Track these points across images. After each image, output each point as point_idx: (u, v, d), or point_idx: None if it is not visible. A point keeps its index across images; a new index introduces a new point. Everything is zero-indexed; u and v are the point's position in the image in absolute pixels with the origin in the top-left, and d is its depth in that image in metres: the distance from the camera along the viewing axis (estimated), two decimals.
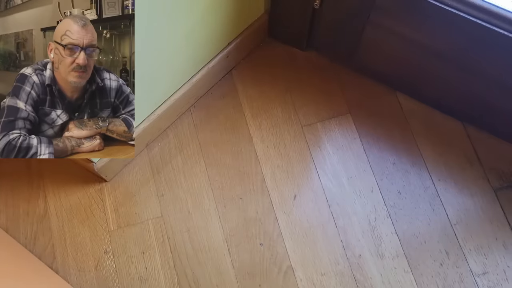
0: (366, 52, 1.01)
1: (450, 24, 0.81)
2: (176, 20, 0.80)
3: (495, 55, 0.82)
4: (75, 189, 0.99)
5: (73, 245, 0.94)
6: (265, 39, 1.13)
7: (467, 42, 0.82)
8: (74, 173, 0.99)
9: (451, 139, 1.01)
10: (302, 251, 0.93)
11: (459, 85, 0.93)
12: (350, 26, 0.97)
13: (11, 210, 0.97)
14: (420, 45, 0.89)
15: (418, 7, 0.82)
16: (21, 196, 0.99)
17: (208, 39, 0.93)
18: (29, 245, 0.94)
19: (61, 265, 0.93)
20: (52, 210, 0.98)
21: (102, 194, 0.98)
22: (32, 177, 1.00)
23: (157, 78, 0.86)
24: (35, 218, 0.97)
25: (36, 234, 0.95)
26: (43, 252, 0.93)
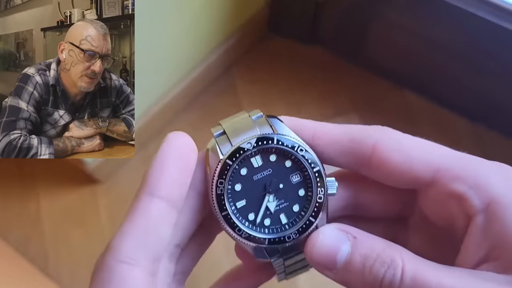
0: (373, 47, 1.03)
1: (459, 19, 0.83)
2: (175, 15, 0.83)
3: (505, 51, 0.84)
4: (68, 191, 1.00)
5: (67, 248, 0.96)
6: (266, 34, 1.13)
7: (477, 38, 0.85)
8: (67, 174, 1.01)
9: (461, 138, 1.03)
10: None
11: (468, 82, 0.96)
12: (356, 19, 0.99)
13: (2, 212, 0.99)
14: (429, 41, 0.92)
15: (427, 1, 0.84)
16: (12, 198, 1.00)
17: (206, 35, 0.96)
18: (21, 248, 0.96)
19: (54, 269, 0.94)
20: (45, 212, 0.99)
21: (96, 196, 1.00)
22: (24, 178, 1.02)
23: (154, 76, 0.88)
24: (27, 220, 0.99)
25: (28, 237, 0.97)
26: (36, 256, 0.95)
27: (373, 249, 0.26)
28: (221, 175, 0.28)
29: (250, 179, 0.29)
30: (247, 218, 0.29)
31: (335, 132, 0.29)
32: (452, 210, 0.27)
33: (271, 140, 0.28)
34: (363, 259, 0.26)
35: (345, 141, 0.29)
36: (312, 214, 0.28)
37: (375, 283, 0.25)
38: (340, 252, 0.26)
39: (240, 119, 0.29)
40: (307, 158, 0.29)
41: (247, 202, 0.29)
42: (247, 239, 0.28)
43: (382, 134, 0.29)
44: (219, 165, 0.28)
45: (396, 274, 0.25)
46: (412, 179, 0.28)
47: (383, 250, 0.26)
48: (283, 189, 0.29)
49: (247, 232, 0.28)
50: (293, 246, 0.29)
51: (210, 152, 0.29)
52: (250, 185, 0.29)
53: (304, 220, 0.28)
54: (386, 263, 0.25)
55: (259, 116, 0.29)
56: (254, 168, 0.29)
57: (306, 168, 0.29)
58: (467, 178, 0.27)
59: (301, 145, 0.29)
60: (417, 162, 0.28)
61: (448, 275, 0.24)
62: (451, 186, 0.27)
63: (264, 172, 0.29)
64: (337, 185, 0.29)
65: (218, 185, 0.28)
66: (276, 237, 0.28)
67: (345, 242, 0.26)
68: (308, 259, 0.28)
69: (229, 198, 0.28)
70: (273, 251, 0.29)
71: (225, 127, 0.29)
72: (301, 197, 0.29)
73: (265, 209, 0.29)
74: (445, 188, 0.27)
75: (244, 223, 0.28)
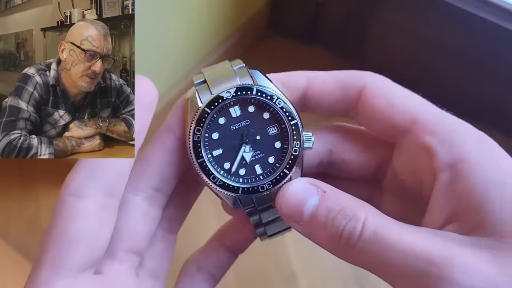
0: (373, 47, 1.03)
1: (459, 19, 0.83)
2: (175, 15, 0.83)
3: (505, 51, 0.84)
4: None
5: None
6: (266, 33, 1.14)
7: (477, 38, 0.85)
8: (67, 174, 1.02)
9: None
10: (305, 256, 0.96)
11: (468, 82, 0.96)
12: (355, 20, 0.99)
13: (2, 212, 1.00)
14: (428, 41, 0.92)
15: (427, 1, 0.85)
16: (12, 198, 1.01)
17: (206, 35, 0.96)
18: (20, 248, 0.97)
19: None
20: (45, 212, 1.00)
21: None
22: (24, 178, 1.03)
23: (154, 76, 0.89)
24: (27, 220, 0.99)
25: (28, 237, 0.98)
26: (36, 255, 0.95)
27: (339, 203, 0.26)
28: (199, 122, 0.28)
29: (227, 129, 0.29)
30: (223, 167, 0.29)
31: (328, 80, 0.30)
32: (421, 165, 0.28)
33: (250, 90, 0.29)
34: (327, 212, 0.26)
35: (335, 87, 0.30)
36: (286, 167, 0.29)
37: (335, 236, 0.25)
38: (307, 204, 0.27)
39: (221, 69, 0.30)
40: (285, 110, 0.29)
41: (224, 151, 0.29)
42: (222, 187, 0.29)
43: (370, 80, 0.30)
44: (197, 113, 0.28)
45: (356, 227, 0.25)
46: (391, 126, 0.28)
47: (348, 204, 0.26)
48: (260, 140, 0.29)
49: (222, 180, 0.29)
50: (266, 197, 0.29)
51: (190, 100, 0.29)
52: (227, 134, 0.29)
53: (278, 172, 0.29)
54: (348, 216, 0.25)
55: (241, 66, 0.30)
56: (232, 118, 0.29)
57: (284, 120, 0.29)
58: (440, 133, 0.27)
59: (279, 97, 0.29)
60: (398, 110, 0.28)
61: (410, 233, 0.24)
62: (423, 138, 0.27)
63: (242, 122, 0.29)
64: (313, 140, 0.29)
65: (195, 132, 0.28)
66: (250, 186, 0.29)
67: (314, 195, 0.27)
68: (278, 209, 0.28)
69: (205, 146, 0.29)
70: (247, 200, 0.29)
71: (206, 76, 0.29)
72: (277, 149, 0.29)
73: (240, 158, 0.29)
74: (417, 140, 0.28)
75: (219, 172, 0.29)
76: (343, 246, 0.25)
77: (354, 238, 0.25)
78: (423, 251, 0.23)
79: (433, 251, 0.23)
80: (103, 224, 0.26)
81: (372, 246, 0.24)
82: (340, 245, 0.25)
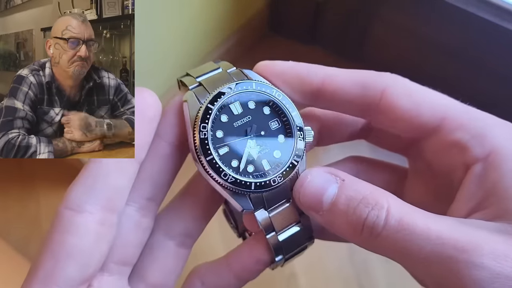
0: (373, 47, 1.03)
1: (459, 19, 0.83)
2: (175, 15, 0.83)
3: (505, 51, 0.84)
4: None
5: None
6: (266, 34, 1.14)
7: (477, 38, 0.85)
8: (67, 174, 1.02)
9: None
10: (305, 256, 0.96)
11: (468, 82, 0.96)
12: (356, 20, 0.99)
13: (2, 212, 1.00)
14: (429, 41, 0.92)
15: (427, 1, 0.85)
16: (12, 198, 1.01)
17: (206, 35, 0.96)
18: (21, 248, 0.97)
19: None
20: (45, 212, 1.00)
21: None
22: (24, 178, 1.03)
23: (154, 76, 0.89)
24: (27, 220, 0.99)
25: (28, 237, 0.98)
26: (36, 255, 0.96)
27: (359, 191, 0.26)
28: (204, 119, 0.28)
29: (231, 126, 0.29)
30: (231, 165, 0.29)
31: (345, 78, 0.30)
32: (453, 159, 0.28)
33: (250, 85, 0.29)
34: (348, 200, 0.26)
35: (354, 87, 0.30)
36: (294, 158, 0.29)
37: (357, 224, 0.25)
38: (326, 193, 0.26)
39: (216, 74, 0.30)
40: (285, 102, 0.29)
41: (230, 149, 0.29)
42: (234, 183, 0.28)
43: (391, 80, 0.30)
44: (200, 111, 0.28)
45: (380, 216, 0.25)
46: (419, 125, 0.28)
47: (369, 193, 0.26)
48: (264, 135, 0.29)
49: (234, 176, 0.28)
50: (276, 194, 0.29)
51: (188, 102, 0.29)
52: (231, 132, 0.29)
53: (286, 165, 0.29)
54: (371, 204, 0.25)
55: (233, 69, 0.31)
56: (234, 115, 0.29)
57: (285, 114, 0.29)
58: (471, 128, 0.27)
59: (278, 90, 0.29)
60: (425, 109, 0.28)
61: (436, 221, 0.24)
62: (455, 134, 0.27)
63: (244, 119, 0.29)
64: (313, 134, 0.30)
65: (201, 130, 0.28)
66: (262, 181, 0.28)
67: (333, 183, 0.27)
68: (296, 199, 0.28)
69: (213, 143, 0.28)
70: (257, 200, 0.29)
71: (202, 81, 0.30)
72: (282, 142, 0.29)
73: (247, 155, 0.29)
74: (449, 137, 0.28)
75: (229, 170, 0.28)
76: (365, 235, 0.25)
77: (379, 227, 0.25)
78: (451, 238, 0.23)
79: (460, 238, 0.23)
80: (101, 240, 0.26)
81: (398, 235, 0.24)
82: (362, 234, 0.25)
